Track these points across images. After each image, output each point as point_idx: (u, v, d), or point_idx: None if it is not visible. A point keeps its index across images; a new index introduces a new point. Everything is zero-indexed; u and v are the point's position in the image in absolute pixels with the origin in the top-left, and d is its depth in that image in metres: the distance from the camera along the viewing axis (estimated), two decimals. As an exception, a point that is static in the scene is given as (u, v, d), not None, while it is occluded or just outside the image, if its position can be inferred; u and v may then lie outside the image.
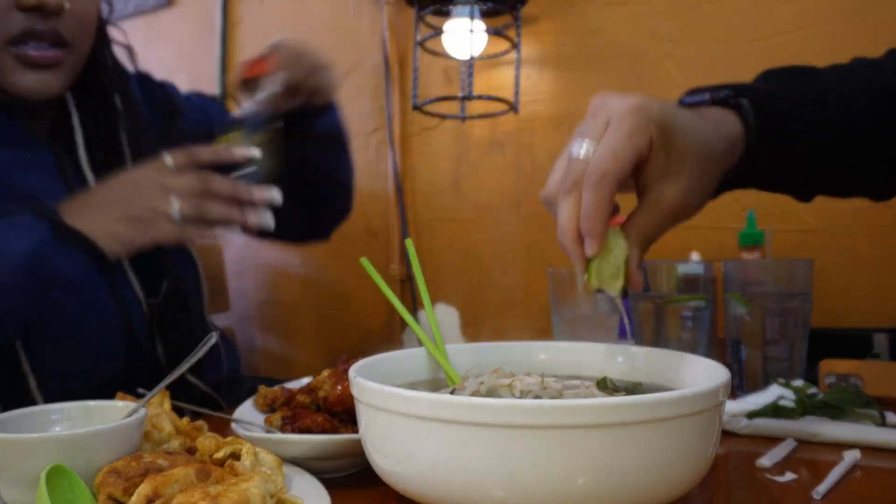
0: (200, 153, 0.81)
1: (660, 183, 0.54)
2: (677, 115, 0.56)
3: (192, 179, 0.79)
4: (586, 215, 0.51)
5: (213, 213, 0.79)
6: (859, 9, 1.24)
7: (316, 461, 0.58)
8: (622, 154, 0.51)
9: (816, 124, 0.64)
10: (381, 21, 1.73)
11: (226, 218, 0.79)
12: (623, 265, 0.54)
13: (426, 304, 0.66)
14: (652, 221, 0.55)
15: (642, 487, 0.42)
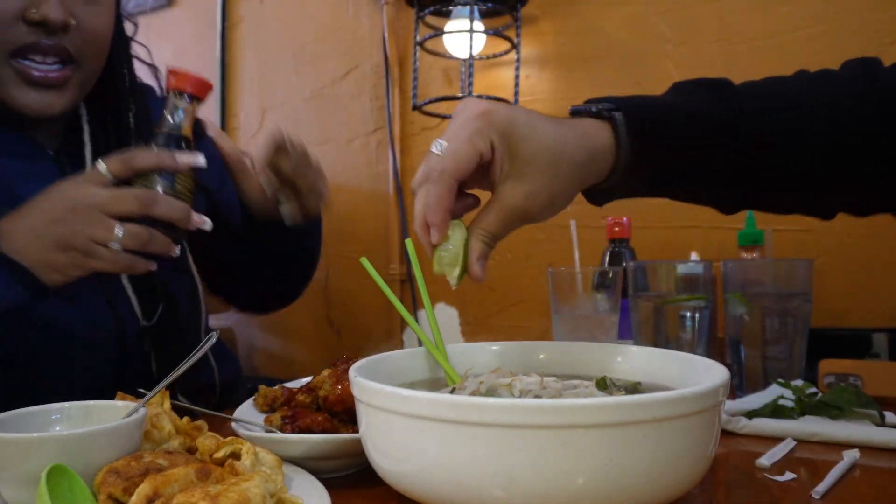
0: (139, 159, 0.73)
1: (503, 184, 0.58)
2: (527, 123, 0.59)
3: (133, 201, 0.72)
4: (427, 206, 0.57)
5: (156, 243, 0.73)
6: (859, 9, 1.24)
7: (316, 461, 0.58)
8: (460, 155, 0.56)
9: (702, 138, 0.65)
10: (381, 21, 1.73)
11: (166, 250, 0.74)
12: (462, 255, 0.59)
13: (426, 304, 0.66)
14: (494, 219, 0.59)
15: (642, 487, 0.42)
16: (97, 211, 0.71)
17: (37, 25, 0.76)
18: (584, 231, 1.15)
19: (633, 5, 1.46)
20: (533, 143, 0.58)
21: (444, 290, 1.64)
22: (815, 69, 0.80)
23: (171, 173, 0.74)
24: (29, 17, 0.75)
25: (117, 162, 0.73)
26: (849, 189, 0.69)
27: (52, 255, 0.71)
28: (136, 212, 0.71)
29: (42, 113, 0.81)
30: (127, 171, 0.73)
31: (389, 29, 1.72)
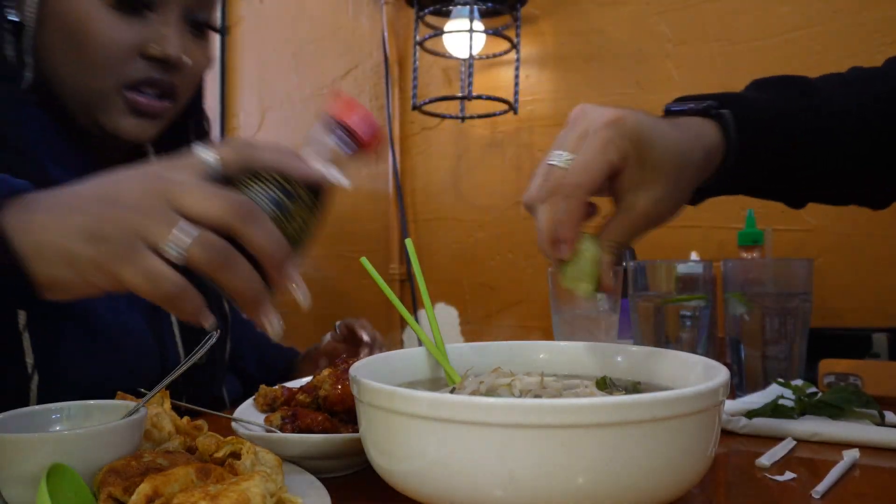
0: (259, 152, 0.51)
1: (633, 192, 0.57)
2: (654, 128, 0.58)
3: (222, 204, 0.46)
4: (560, 222, 0.55)
5: (235, 272, 0.46)
6: (859, 9, 1.24)
7: (316, 461, 0.58)
8: (594, 167, 0.54)
9: (804, 134, 0.66)
10: (381, 21, 1.73)
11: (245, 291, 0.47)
12: (593, 269, 0.57)
13: (426, 304, 0.66)
14: (624, 229, 0.58)
15: (642, 487, 0.42)
16: (164, 199, 0.46)
17: (154, 61, 0.77)
18: (584, 231, 1.15)
19: (633, 5, 1.46)
20: (660, 150, 0.58)
21: (444, 290, 1.64)
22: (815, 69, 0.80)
23: (291, 195, 0.50)
24: (149, 53, 0.76)
25: (229, 149, 0.51)
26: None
27: (73, 245, 0.46)
28: (218, 217, 0.46)
29: (137, 139, 0.81)
30: (239, 162, 0.50)
31: (389, 29, 1.72)
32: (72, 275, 0.47)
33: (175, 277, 0.45)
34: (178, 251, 0.45)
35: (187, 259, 0.45)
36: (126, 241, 0.46)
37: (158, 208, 0.46)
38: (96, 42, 0.74)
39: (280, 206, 0.49)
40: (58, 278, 0.47)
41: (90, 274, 0.46)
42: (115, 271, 0.46)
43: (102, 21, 0.74)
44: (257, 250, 0.46)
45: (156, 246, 0.46)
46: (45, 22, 0.75)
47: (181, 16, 0.78)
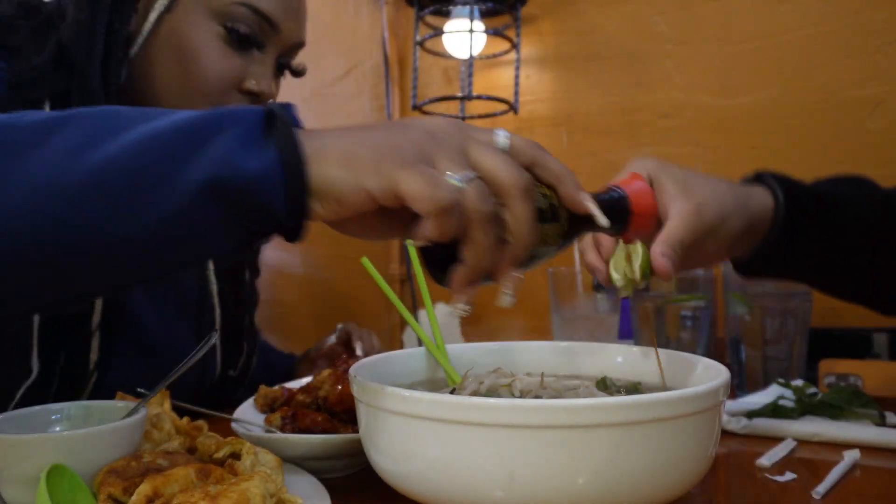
0: (548, 160, 0.50)
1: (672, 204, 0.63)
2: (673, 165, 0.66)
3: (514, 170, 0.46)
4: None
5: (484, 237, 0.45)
6: (859, 9, 1.24)
7: (316, 461, 0.58)
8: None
9: (853, 212, 0.72)
10: (381, 21, 1.73)
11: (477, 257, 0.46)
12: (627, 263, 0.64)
13: (426, 304, 0.66)
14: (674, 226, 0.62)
15: (642, 487, 0.42)
16: (461, 142, 0.47)
17: (248, 95, 0.82)
18: (584, 231, 1.15)
19: (633, 5, 1.46)
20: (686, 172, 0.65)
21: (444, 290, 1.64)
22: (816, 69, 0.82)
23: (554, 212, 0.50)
24: (247, 88, 0.81)
25: (524, 142, 0.50)
26: None
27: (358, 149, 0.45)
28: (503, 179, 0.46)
29: None
30: (527, 157, 0.49)
31: (389, 29, 1.72)
32: (346, 175, 0.44)
33: (452, 189, 0.44)
34: (459, 181, 0.44)
35: (461, 194, 0.44)
36: (413, 155, 0.45)
37: (454, 146, 0.47)
38: (205, 70, 0.79)
39: (541, 215, 0.48)
40: (331, 178, 0.45)
41: (366, 175, 0.44)
42: (394, 174, 0.44)
43: (215, 52, 0.79)
44: (513, 228, 0.46)
45: (436, 168, 0.45)
46: (156, 37, 0.79)
47: (276, 57, 0.84)
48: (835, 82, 1.25)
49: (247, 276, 0.98)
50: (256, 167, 0.44)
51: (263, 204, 0.44)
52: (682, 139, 1.40)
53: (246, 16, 0.79)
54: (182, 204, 0.43)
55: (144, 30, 0.79)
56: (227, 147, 0.44)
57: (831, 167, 1.27)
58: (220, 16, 0.79)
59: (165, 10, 0.79)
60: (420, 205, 0.43)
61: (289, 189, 0.44)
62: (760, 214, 0.69)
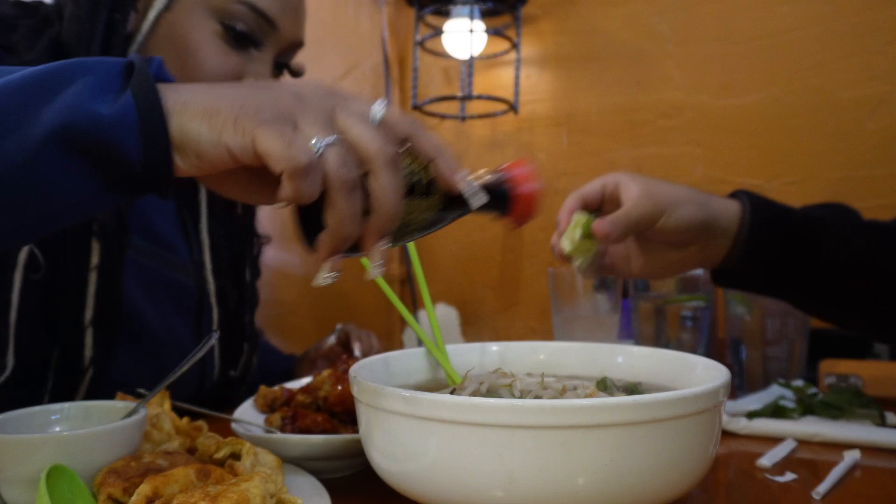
0: (420, 133, 0.48)
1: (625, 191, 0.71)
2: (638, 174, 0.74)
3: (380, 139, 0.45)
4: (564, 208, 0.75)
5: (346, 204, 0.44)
6: (859, 9, 1.24)
7: (316, 461, 0.58)
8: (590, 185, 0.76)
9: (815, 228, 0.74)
10: (381, 21, 1.73)
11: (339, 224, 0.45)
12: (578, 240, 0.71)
13: (426, 304, 0.66)
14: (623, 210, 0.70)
15: (642, 487, 0.42)
16: (330, 107, 0.46)
17: None
18: (584, 231, 1.15)
19: (633, 5, 1.46)
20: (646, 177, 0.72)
21: (444, 290, 1.64)
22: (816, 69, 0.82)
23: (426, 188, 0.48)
24: None
25: (400, 115, 0.49)
26: None
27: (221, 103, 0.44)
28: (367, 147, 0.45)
29: None
30: (402, 130, 0.48)
31: (389, 28, 1.72)
32: (205, 129, 0.43)
33: (308, 152, 0.42)
34: (319, 145, 0.43)
35: (322, 157, 0.43)
36: (275, 114, 0.44)
37: (321, 109, 0.45)
38: (203, 66, 0.79)
39: (412, 189, 0.47)
40: (190, 131, 0.43)
41: (225, 130, 0.43)
42: (253, 131, 0.43)
43: (213, 49, 0.79)
44: (377, 199, 0.45)
45: (298, 130, 0.44)
46: (156, 35, 0.80)
47: (274, 56, 0.84)
48: (835, 82, 1.25)
49: (247, 276, 0.98)
50: (109, 113, 0.42)
51: (117, 152, 0.43)
52: (682, 139, 1.40)
53: (244, 14, 0.79)
54: (32, 152, 0.42)
55: (144, 28, 0.79)
56: (80, 94, 0.43)
57: (831, 167, 1.27)
58: (218, 14, 0.79)
59: (165, 9, 0.79)
60: (275, 164, 0.42)
61: (144, 137, 0.43)
62: (726, 218, 0.73)
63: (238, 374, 0.96)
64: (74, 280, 0.75)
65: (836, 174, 1.26)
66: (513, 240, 1.60)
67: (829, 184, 1.26)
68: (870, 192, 1.23)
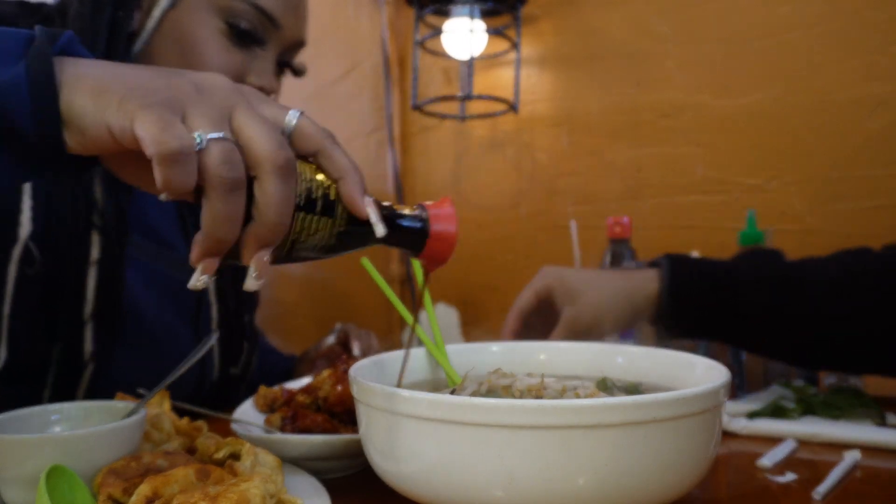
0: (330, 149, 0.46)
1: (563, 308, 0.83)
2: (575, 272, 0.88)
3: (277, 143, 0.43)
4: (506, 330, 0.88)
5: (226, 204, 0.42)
6: (859, 9, 1.24)
7: (316, 461, 0.58)
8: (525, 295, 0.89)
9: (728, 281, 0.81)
10: (381, 21, 1.73)
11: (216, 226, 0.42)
12: None
13: (426, 304, 0.66)
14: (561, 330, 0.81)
15: (642, 487, 0.42)
16: (230, 102, 0.44)
17: None
18: (584, 231, 1.15)
19: (633, 5, 1.46)
20: (581, 277, 0.84)
21: (444, 290, 1.64)
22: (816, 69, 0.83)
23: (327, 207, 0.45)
24: (249, 83, 0.83)
25: (315, 127, 0.47)
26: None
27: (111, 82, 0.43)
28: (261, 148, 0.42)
29: None
30: (312, 142, 0.46)
31: (389, 28, 1.72)
32: (91, 106, 0.42)
33: (181, 140, 0.40)
34: (202, 138, 0.41)
35: (203, 151, 0.41)
36: (164, 99, 0.42)
37: (218, 104, 0.43)
38: (207, 64, 0.80)
39: (310, 205, 0.44)
40: (76, 107, 0.42)
41: (109, 109, 0.42)
42: (133, 111, 0.41)
43: (216, 48, 0.81)
44: (260, 205, 0.42)
45: (186, 120, 0.42)
46: (160, 33, 0.81)
47: (277, 55, 0.86)
48: (835, 82, 1.25)
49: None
50: (1, 79, 0.42)
51: (9, 119, 0.42)
52: (682, 139, 1.40)
53: (247, 12, 0.80)
54: None
55: (148, 26, 0.80)
56: None
57: (831, 167, 1.27)
58: (222, 12, 0.80)
59: (170, 7, 0.80)
60: (146, 147, 0.40)
61: (35, 107, 0.42)
62: (647, 299, 0.81)
63: (239, 372, 0.96)
64: (74, 274, 0.75)
65: (836, 174, 1.26)
66: (513, 240, 1.60)
67: (829, 184, 1.26)
68: (870, 192, 1.22)
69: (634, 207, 1.42)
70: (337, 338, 1.10)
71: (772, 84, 1.31)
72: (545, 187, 1.56)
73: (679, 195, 1.39)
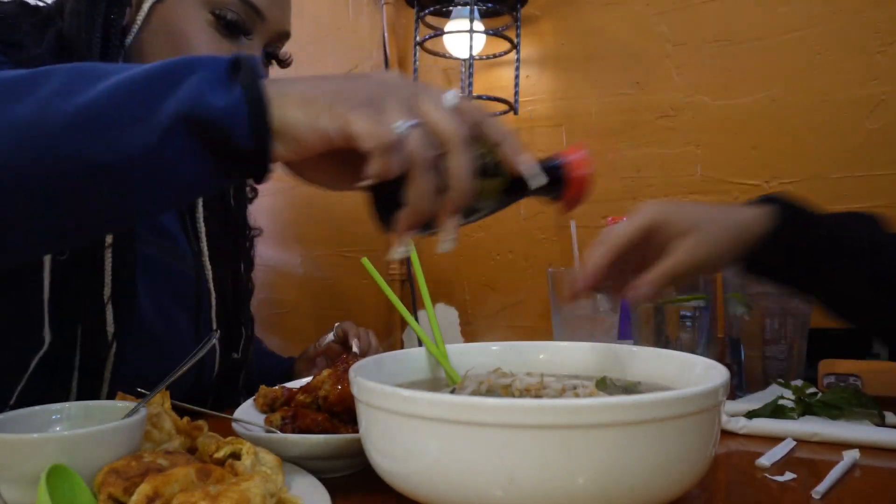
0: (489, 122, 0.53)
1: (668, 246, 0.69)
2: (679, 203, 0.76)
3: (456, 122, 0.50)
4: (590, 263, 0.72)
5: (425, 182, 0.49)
6: (859, 9, 1.24)
7: (316, 461, 0.58)
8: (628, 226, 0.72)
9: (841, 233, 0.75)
10: (381, 21, 1.73)
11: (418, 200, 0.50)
12: None
13: (426, 304, 0.66)
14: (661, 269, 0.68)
15: (642, 487, 0.42)
16: (412, 94, 0.51)
17: None
18: (584, 231, 1.15)
19: (633, 5, 1.46)
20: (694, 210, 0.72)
21: (444, 290, 1.64)
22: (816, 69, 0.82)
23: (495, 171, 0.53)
24: None
25: (471, 103, 0.53)
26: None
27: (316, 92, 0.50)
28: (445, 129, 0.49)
29: None
30: (471, 114, 0.52)
31: (389, 29, 1.72)
32: (303, 116, 0.49)
33: (394, 132, 0.48)
34: (404, 126, 0.48)
35: (406, 138, 0.48)
36: (364, 100, 0.49)
37: (404, 96, 0.50)
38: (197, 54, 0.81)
39: (483, 170, 0.52)
40: (290, 118, 0.49)
41: (321, 116, 0.49)
42: (346, 115, 0.48)
43: (204, 38, 0.83)
44: (453, 176, 0.49)
45: (384, 114, 0.49)
46: (150, 26, 0.83)
47: (263, 45, 0.88)
48: (835, 82, 1.25)
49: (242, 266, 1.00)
50: (223, 104, 0.48)
51: (230, 138, 0.48)
52: (682, 139, 1.40)
53: (233, 3, 0.83)
54: (156, 135, 0.47)
55: (138, 19, 0.83)
56: (197, 86, 0.48)
57: (831, 167, 1.27)
58: (208, 4, 0.83)
59: (157, 1, 0.82)
60: (366, 142, 0.47)
61: (252, 125, 0.48)
62: (753, 238, 0.74)
63: (240, 357, 0.97)
64: (93, 258, 0.78)
65: (836, 174, 1.26)
66: (513, 240, 1.60)
67: (829, 184, 1.26)
68: (870, 192, 1.23)
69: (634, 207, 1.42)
70: (336, 336, 1.10)
71: (772, 84, 1.31)
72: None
73: (679, 195, 1.39)
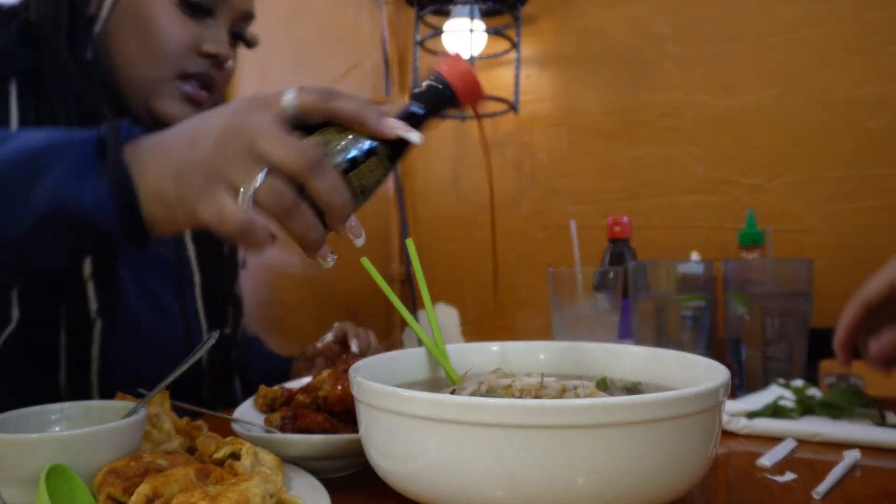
0: (340, 102, 0.52)
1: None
2: None
3: (294, 153, 0.49)
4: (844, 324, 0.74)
5: (298, 217, 0.50)
6: (859, 9, 1.24)
7: (316, 461, 0.58)
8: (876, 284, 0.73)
9: None
10: (381, 21, 1.73)
11: (308, 237, 0.51)
12: None
13: (426, 304, 0.66)
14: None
15: (642, 487, 0.42)
16: (243, 143, 0.50)
17: (207, 57, 0.88)
18: (584, 231, 1.15)
19: (633, 5, 1.46)
20: None
21: (444, 290, 1.64)
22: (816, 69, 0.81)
23: (363, 148, 0.52)
24: (204, 50, 0.87)
25: (313, 94, 0.52)
26: None
27: (163, 183, 0.52)
28: (289, 167, 0.50)
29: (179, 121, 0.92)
30: (319, 108, 0.52)
31: (389, 28, 1.72)
32: (162, 211, 0.52)
33: (239, 216, 0.49)
34: (246, 196, 0.49)
35: (256, 200, 0.49)
36: (204, 180, 0.50)
37: (237, 152, 0.50)
38: (162, 36, 0.84)
39: (351, 159, 0.51)
40: (155, 216, 0.52)
41: (175, 210, 0.51)
42: (193, 207, 0.50)
43: (170, 20, 0.84)
44: (321, 201, 0.50)
45: (230, 186, 0.50)
46: (116, 14, 0.84)
47: (229, 25, 0.90)
48: (835, 82, 1.25)
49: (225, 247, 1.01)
50: (90, 201, 0.51)
51: (100, 232, 0.52)
52: (682, 139, 1.40)
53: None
54: (29, 222, 0.51)
55: (105, 4, 0.84)
56: (62, 177, 0.51)
57: (831, 167, 1.27)
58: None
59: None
60: (221, 231, 0.49)
61: (122, 221, 0.52)
62: None
63: (230, 332, 0.98)
64: None
65: (836, 174, 1.26)
66: (513, 240, 1.60)
67: (829, 184, 1.26)
68: (870, 192, 1.23)
69: (634, 207, 1.42)
70: (335, 336, 1.10)
71: (772, 84, 1.31)
72: (545, 187, 1.56)
73: (679, 195, 1.39)
